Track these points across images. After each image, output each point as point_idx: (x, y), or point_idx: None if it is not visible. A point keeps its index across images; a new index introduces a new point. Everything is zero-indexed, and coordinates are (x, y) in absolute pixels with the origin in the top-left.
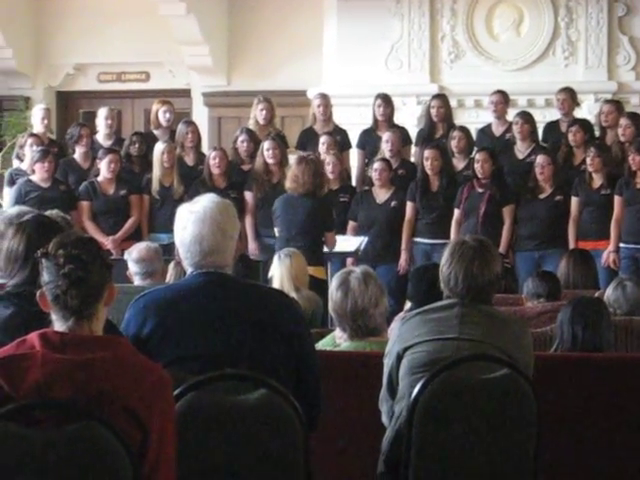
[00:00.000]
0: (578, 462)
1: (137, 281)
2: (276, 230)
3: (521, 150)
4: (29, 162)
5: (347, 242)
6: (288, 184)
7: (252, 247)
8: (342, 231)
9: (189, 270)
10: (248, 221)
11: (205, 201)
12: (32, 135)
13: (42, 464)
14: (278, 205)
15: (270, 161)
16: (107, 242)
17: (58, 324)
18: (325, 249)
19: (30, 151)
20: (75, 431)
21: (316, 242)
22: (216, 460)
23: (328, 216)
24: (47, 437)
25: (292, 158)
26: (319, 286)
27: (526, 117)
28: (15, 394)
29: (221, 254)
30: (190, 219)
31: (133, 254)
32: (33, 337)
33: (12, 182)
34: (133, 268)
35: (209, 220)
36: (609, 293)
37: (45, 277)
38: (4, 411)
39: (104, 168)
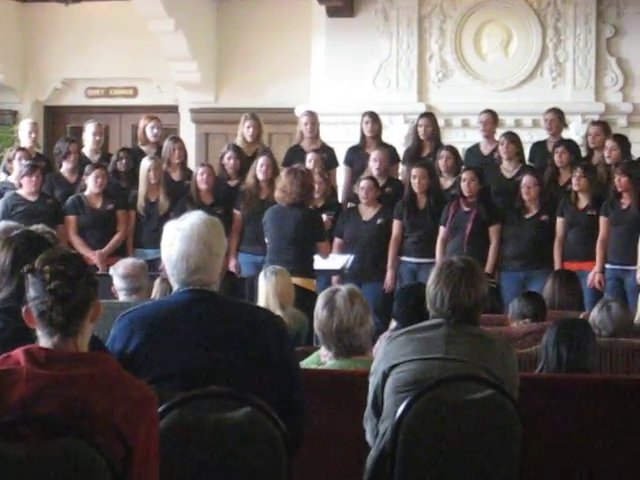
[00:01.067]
0: None
1: (122, 297)
2: (266, 241)
3: (508, 170)
4: (16, 175)
5: (333, 260)
6: (277, 194)
7: (232, 264)
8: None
9: (175, 287)
10: (233, 239)
11: (193, 218)
12: (20, 149)
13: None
14: (268, 216)
15: (261, 177)
16: (93, 257)
17: (43, 340)
18: (315, 265)
19: (18, 165)
20: (59, 447)
21: (306, 254)
22: (199, 477)
23: (318, 226)
24: (31, 453)
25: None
26: (308, 299)
27: (511, 137)
28: (0, 410)
29: (208, 271)
30: (177, 236)
31: (119, 270)
32: (18, 353)
33: (0, 195)
34: (119, 284)
35: (196, 237)
36: (594, 314)
37: (31, 293)
38: None
39: (91, 183)
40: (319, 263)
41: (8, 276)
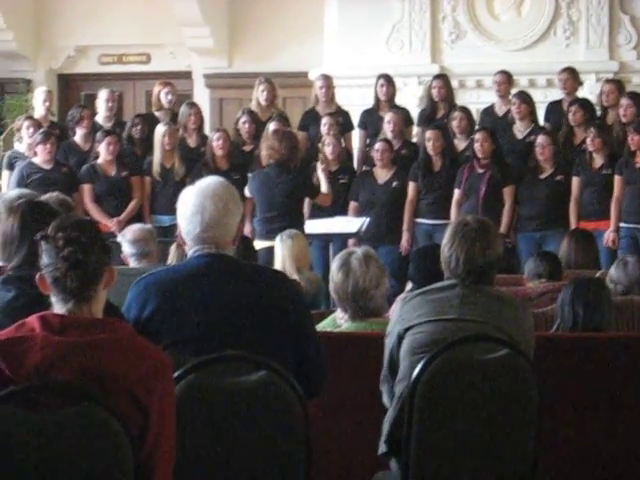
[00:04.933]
0: (579, 441)
1: (132, 263)
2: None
3: (520, 130)
4: (28, 144)
5: (348, 223)
6: (263, 153)
7: (248, 229)
8: (343, 212)
9: (190, 249)
10: (248, 204)
11: (209, 179)
12: (28, 117)
13: (42, 446)
14: (253, 184)
15: None
16: (111, 224)
17: (58, 306)
18: (307, 230)
19: (27, 134)
20: (75, 413)
21: (295, 222)
22: (216, 442)
23: (308, 187)
24: (47, 419)
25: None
26: None
27: (524, 97)
28: (15, 377)
29: (222, 228)
30: (193, 192)
31: (127, 236)
32: (33, 320)
33: (10, 165)
34: (128, 249)
35: (211, 193)
36: (612, 271)
37: (44, 260)
38: (4, 394)
39: (103, 150)
40: (335, 226)
41: (17, 244)
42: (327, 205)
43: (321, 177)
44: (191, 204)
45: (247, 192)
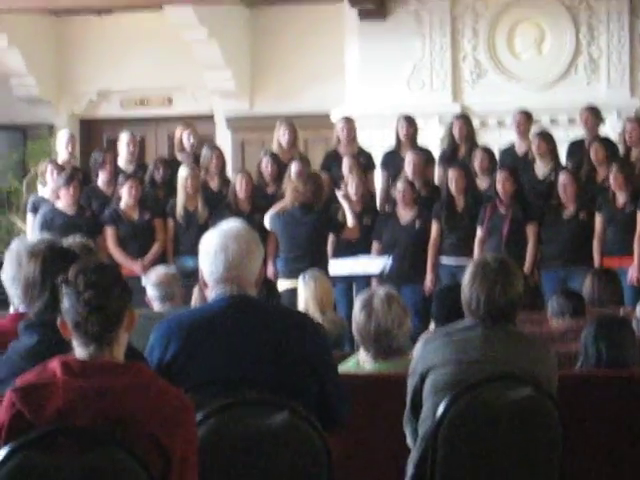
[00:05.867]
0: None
1: (156, 306)
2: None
3: (541, 169)
4: (52, 189)
5: (371, 263)
6: (287, 195)
7: (271, 271)
8: (367, 252)
9: (212, 291)
10: (271, 245)
11: (232, 222)
12: (51, 162)
13: None
14: (277, 224)
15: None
16: (136, 266)
17: (79, 350)
18: (354, 270)
19: (51, 178)
20: (97, 458)
21: (319, 262)
22: None
23: (332, 223)
24: (69, 464)
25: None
26: None
27: (544, 136)
28: (37, 421)
29: (245, 269)
30: (216, 234)
31: (151, 278)
32: (54, 364)
33: (35, 209)
34: (152, 292)
35: (235, 234)
36: (638, 309)
37: (65, 304)
38: (26, 439)
39: (125, 194)
40: (358, 267)
41: (39, 288)
42: (354, 237)
43: (346, 209)
44: (214, 244)
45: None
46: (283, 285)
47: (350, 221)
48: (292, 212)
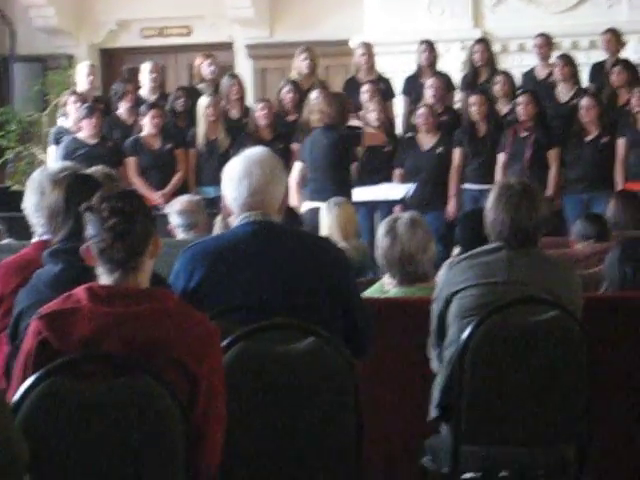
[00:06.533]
0: (629, 401)
1: (180, 234)
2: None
3: (563, 93)
4: (74, 119)
5: (394, 190)
6: (313, 117)
7: (295, 198)
8: (388, 179)
9: (236, 217)
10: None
11: (255, 148)
12: (74, 93)
13: (92, 417)
14: (305, 148)
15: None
16: (157, 197)
17: (104, 277)
18: (377, 196)
19: (73, 109)
20: (124, 383)
21: (343, 187)
22: (266, 409)
23: (351, 135)
24: (96, 390)
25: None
26: None
27: (566, 59)
28: (63, 348)
29: (269, 194)
30: (240, 160)
31: (175, 206)
32: (79, 291)
33: (57, 140)
34: (176, 220)
35: (258, 160)
36: None
37: (90, 231)
38: (54, 366)
39: (148, 123)
40: (380, 193)
41: (63, 216)
42: (380, 142)
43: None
44: (238, 170)
45: (298, 160)
46: (306, 205)
47: (370, 129)
48: (316, 134)
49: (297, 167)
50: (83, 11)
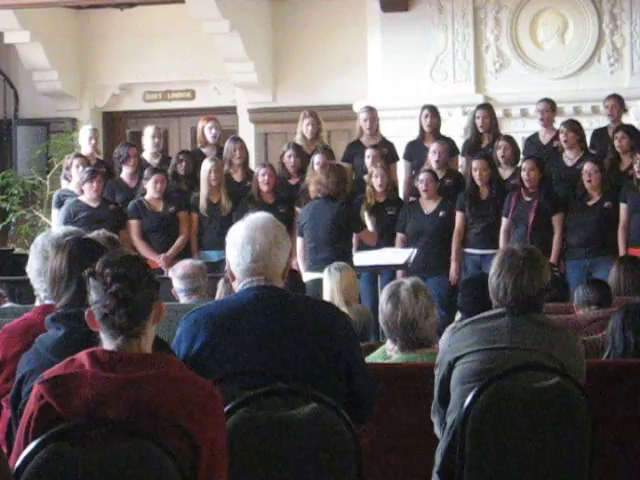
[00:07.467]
0: (632, 468)
1: (182, 299)
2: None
3: (570, 157)
4: (77, 182)
5: (396, 254)
6: (311, 188)
7: (295, 262)
8: (390, 244)
9: (239, 282)
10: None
11: (259, 214)
12: (78, 155)
13: None
14: (305, 216)
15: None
16: (158, 260)
17: (107, 343)
18: (355, 263)
19: (76, 172)
20: (126, 449)
21: (343, 253)
22: (268, 475)
23: (354, 220)
24: (98, 456)
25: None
26: None
27: (571, 125)
28: (65, 413)
29: (272, 260)
30: (243, 225)
31: (177, 271)
32: (82, 356)
33: (60, 203)
34: (178, 285)
35: (262, 225)
36: None
37: (93, 296)
38: (55, 431)
39: (150, 188)
40: (383, 258)
41: (66, 281)
42: (371, 244)
43: (366, 217)
44: (241, 236)
45: (298, 227)
46: (307, 276)
47: (370, 227)
48: (315, 204)
49: (299, 243)
50: (86, 75)
